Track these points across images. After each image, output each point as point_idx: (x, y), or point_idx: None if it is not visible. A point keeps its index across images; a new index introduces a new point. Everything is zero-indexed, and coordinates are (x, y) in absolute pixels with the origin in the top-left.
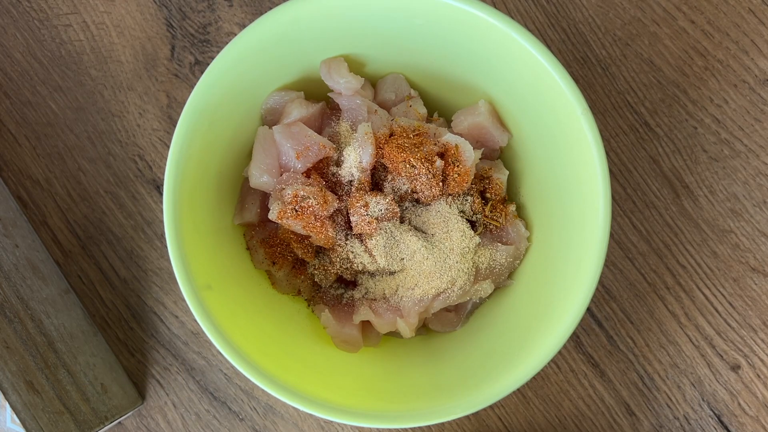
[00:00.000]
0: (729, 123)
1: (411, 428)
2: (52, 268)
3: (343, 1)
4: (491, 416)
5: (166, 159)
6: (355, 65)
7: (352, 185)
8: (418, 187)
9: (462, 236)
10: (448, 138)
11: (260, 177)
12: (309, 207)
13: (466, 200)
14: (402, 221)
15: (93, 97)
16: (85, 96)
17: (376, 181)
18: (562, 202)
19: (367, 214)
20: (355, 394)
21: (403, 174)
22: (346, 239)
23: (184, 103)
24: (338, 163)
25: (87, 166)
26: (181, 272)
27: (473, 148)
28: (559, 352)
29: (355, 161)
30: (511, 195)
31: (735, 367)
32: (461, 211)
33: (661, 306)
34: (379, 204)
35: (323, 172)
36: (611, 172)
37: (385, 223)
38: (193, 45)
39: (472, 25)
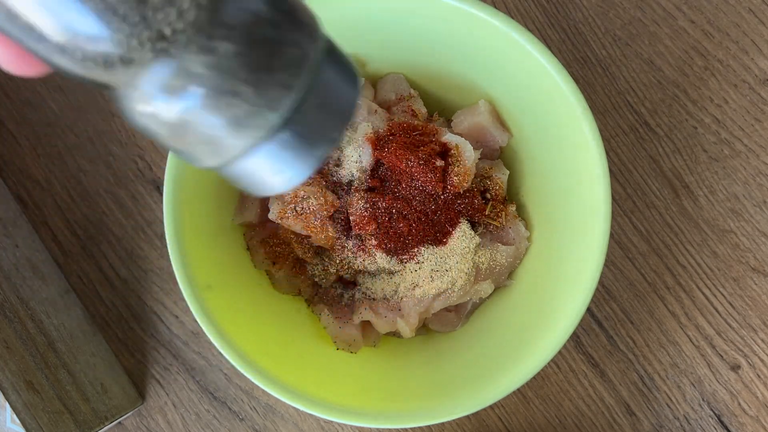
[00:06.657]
0: (729, 123)
1: (411, 428)
2: (52, 268)
3: (343, 1)
4: (491, 416)
5: (166, 159)
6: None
7: (352, 185)
8: (418, 187)
9: (462, 236)
10: (449, 138)
11: None
12: (309, 207)
13: (466, 200)
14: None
15: (93, 97)
16: (85, 96)
17: (376, 181)
18: (562, 202)
19: (367, 214)
20: (355, 394)
21: (403, 174)
22: (346, 239)
23: None
24: (338, 163)
25: (87, 166)
26: (181, 272)
27: (473, 148)
28: (559, 352)
29: (355, 161)
30: (511, 195)
31: (735, 367)
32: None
33: (661, 306)
34: (378, 204)
35: (323, 172)
36: (611, 172)
37: (385, 222)
38: None
39: (471, 25)
